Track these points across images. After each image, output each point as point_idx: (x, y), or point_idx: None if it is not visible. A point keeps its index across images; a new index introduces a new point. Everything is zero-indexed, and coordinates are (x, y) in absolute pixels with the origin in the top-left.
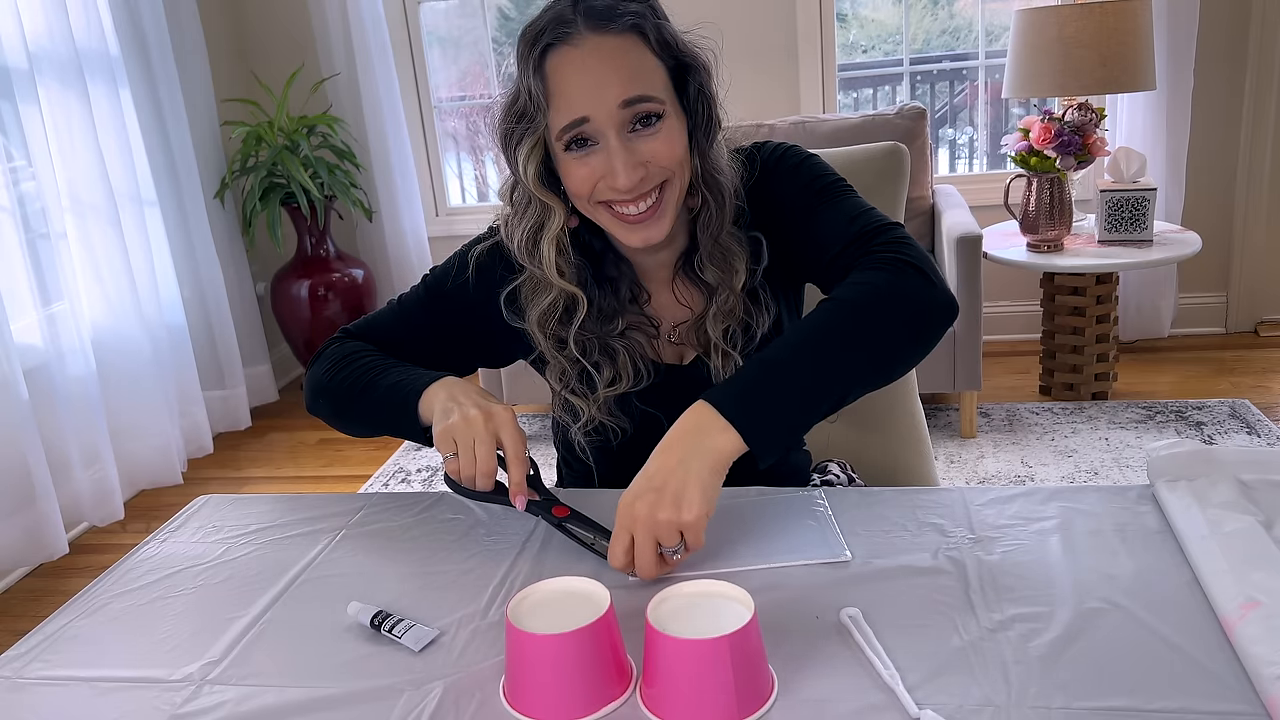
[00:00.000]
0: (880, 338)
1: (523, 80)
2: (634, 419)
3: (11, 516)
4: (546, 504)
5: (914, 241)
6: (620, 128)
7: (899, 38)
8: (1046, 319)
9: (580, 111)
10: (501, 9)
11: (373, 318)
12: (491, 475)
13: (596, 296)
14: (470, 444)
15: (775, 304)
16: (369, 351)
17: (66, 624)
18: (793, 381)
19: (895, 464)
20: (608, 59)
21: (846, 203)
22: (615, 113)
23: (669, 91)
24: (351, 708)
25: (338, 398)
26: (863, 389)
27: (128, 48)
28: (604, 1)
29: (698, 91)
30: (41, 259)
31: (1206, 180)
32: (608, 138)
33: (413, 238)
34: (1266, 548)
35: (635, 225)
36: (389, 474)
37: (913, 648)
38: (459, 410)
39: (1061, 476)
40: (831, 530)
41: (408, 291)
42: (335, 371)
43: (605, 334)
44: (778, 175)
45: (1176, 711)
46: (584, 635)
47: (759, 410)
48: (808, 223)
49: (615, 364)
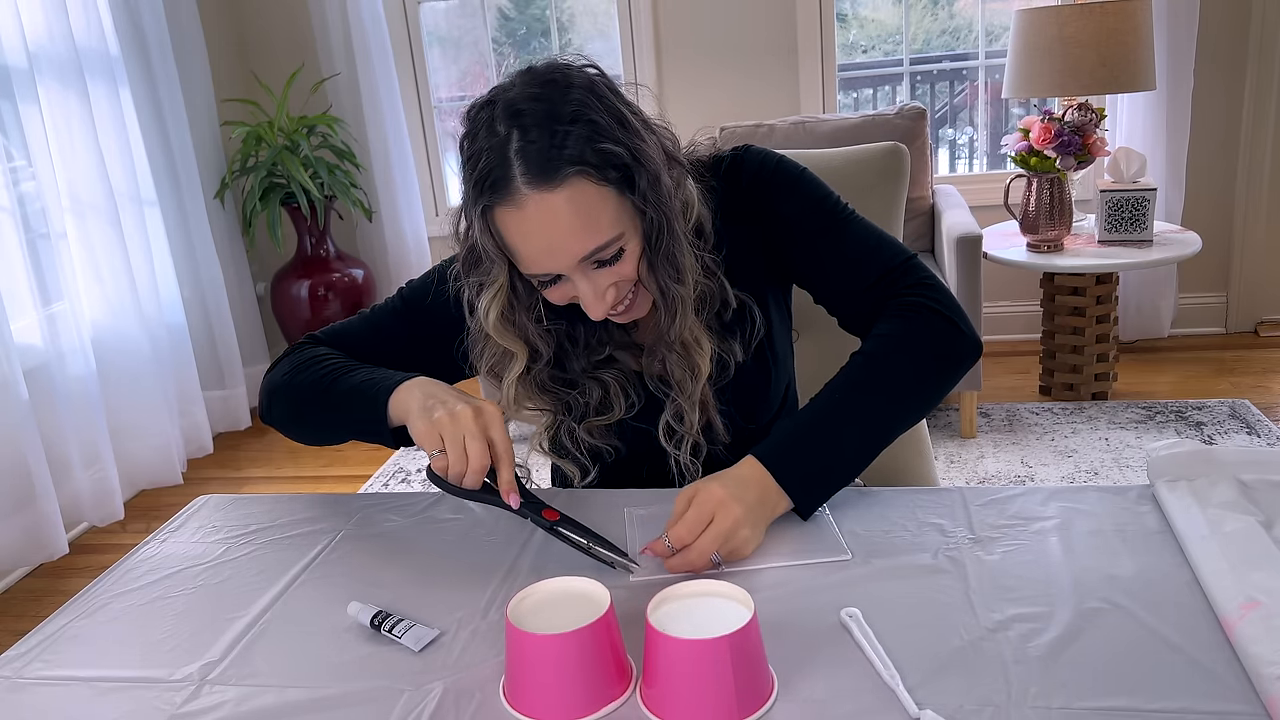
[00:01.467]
0: (915, 389)
1: (473, 230)
2: (626, 438)
3: (11, 516)
4: (536, 506)
5: (937, 282)
6: (583, 269)
7: (899, 38)
8: (1046, 319)
9: (539, 270)
10: (501, 9)
11: (341, 326)
12: (483, 473)
13: (581, 335)
14: (460, 440)
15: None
16: (334, 355)
17: (66, 624)
18: (840, 445)
19: (895, 464)
20: (555, 219)
21: (856, 233)
22: (574, 265)
23: (623, 213)
24: (351, 708)
25: (296, 398)
26: (898, 434)
27: (128, 48)
28: (541, 142)
29: (644, 199)
30: (41, 259)
31: (1206, 180)
32: (573, 279)
33: (413, 238)
34: (1266, 548)
35: (617, 318)
36: (389, 474)
37: (913, 648)
38: (444, 407)
39: (1061, 477)
40: (831, 530)
41: (380, 303)
42: (296, 373)
43: (594, 364)
44: (772, 192)
45: (1176, 711)
46: (584, 635)
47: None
48: (818, 255)
49: (606, 393)
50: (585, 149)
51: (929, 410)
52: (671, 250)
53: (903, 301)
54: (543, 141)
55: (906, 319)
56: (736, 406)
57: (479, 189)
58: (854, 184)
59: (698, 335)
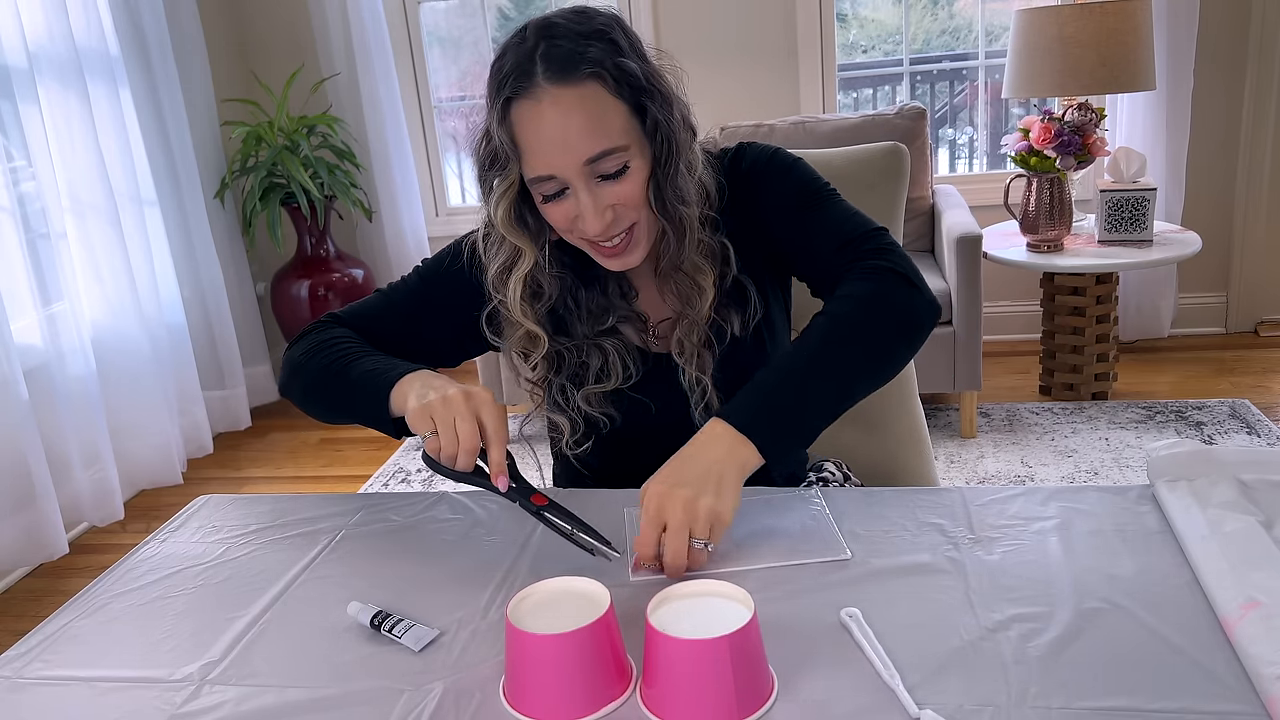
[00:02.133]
0: (873, 346)
1: (490, 124)
2: (622, 408)
3: (11, 516)
4: (525, 490)
5: (898, 247)
6: (587, 179)
7: (899, 38)
8: (1046, 319)
9: (546, 169)
10: (501, 9)
11: (359, 305)
12: (473, 453)
13: (584, 298)
14: (450, 422)
15: (764, 298)
16: (350, 338)
17: (66, 624)
18: (799, 397)
19: (895, 464)
20: (569, 114)
21: (835, 209)
22: (580, 169)
23: (632, 131)
24: (351, 708)
25: (311, 379)
26: (861, 394)
27: (128, 48)
28: (565, 46)
29: (655, 125)
30: (41, 259)
31: (1206, 180)
32: (575, 189)
33: (413, 238)
34: (1266, 548)
35: (611, 256)
36: (389, 474)
37: (913, 648)
38: (436, 392)
39: (1061, 476)
40: (831, 529)
41: (396, 281)
42: (313, 354)
43: (596, 332)
44: (768, 178)
45: (1176, 711)
46: (584, 635)
47: (772, 426)
48: (798, 227)
49: (606, 360)
50: (605, 59)
51: (891, 370)
52: (679, 178)
53: (865, 265)
54: (567, 46)
55: (867, 279)
56: (734, 387)
57: (501, 84)
58: (854, 184)
59: (700, 264)
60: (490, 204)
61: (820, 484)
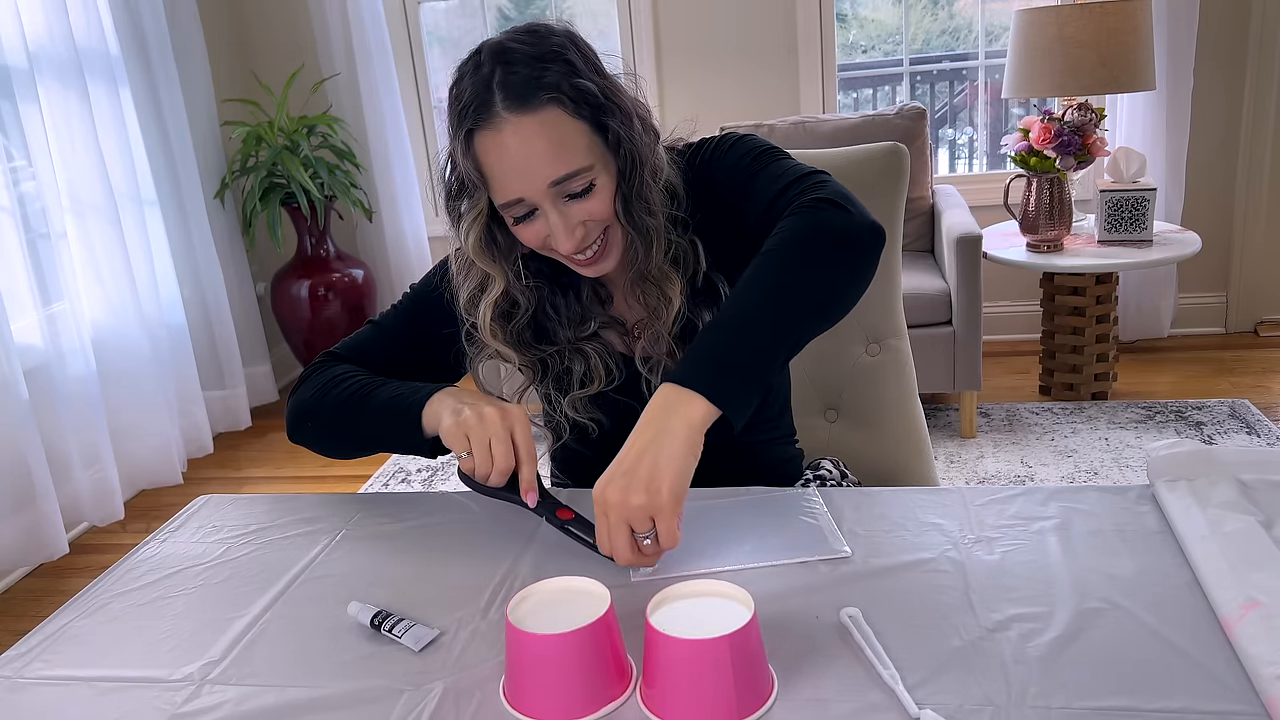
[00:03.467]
0: (815, 275)
1: (455, 154)
2: (609, 412)
3: (11, 516)
4: (552, 505)
5: (831, 180)
6: (554, 200)
7: (899, 38)
8: (1046, 319)
9: (513, 194)
10: (501, 9)
11: (353, 339)
12: (507, 472)
13: (563, 305)
14: (486, 443)
15: None
16: (357, 372)
17: (66, 624)
18: (745, 338)
19: (895, 464)
20: (530, 141)
21: (774, 166)
22: (547, 190)
23: (595, 149)
24: (351, 708)
25: (327, 417)
26: (815, 328)
27: (128, 48)
28: (522, 73)
29: (617, 140)
30: (41, 259)
31: (1206, 180)
32: (544, 209)
33: (413, 238)
34: (1266, 548)
35: (586, 265)
36: (389, 474)
37: (913, 648)
38: (471, 409)
39: (1061, 476)
40: (830, 527)
41: (386, 311)
42: (325, 393)
43: (578, 337)
44: (720, 156)
45: (1176, 711)
46: (584, 635)
47: (719, 371)
48: (744, 193)
49: (588, 365)
50: (562, 82)
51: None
52: (644, 189)
53: (800, 202)
54: (523, 73)
55: (801, 214)
56: None
57: (462, 116)
58: (854, 184)
59: (669, 273)
60: (461, 231)
61: (818, 482)
